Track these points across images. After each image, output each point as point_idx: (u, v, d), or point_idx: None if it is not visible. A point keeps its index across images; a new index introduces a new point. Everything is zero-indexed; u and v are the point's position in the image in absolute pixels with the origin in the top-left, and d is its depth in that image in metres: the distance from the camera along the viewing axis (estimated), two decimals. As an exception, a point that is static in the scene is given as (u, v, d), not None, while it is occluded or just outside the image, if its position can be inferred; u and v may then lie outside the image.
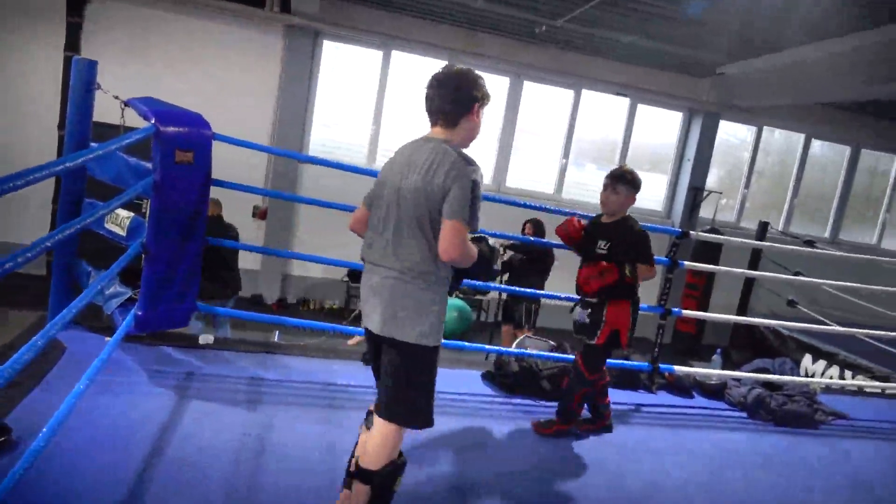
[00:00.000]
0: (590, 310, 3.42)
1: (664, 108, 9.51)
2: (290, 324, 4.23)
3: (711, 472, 3.49)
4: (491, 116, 9.23)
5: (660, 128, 9.75)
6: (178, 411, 3.10)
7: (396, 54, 8.62)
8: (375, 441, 2.24)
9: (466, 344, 4.42)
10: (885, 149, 10.42)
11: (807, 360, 7.76)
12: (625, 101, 9.35)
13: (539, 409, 3.94)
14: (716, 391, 4.57)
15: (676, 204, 9.75)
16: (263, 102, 8.24)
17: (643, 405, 4.28)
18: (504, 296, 6.62)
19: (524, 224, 6.31)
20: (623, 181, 3.41)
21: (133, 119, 3.38)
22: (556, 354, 4.18)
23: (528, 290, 5.07)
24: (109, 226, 3.60)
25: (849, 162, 10.32)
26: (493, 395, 4.08)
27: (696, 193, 9.55)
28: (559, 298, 4.29)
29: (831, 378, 7.31)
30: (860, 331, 5.38)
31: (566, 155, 9.32)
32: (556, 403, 3.74)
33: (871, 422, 4.67)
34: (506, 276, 6.41)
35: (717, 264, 9.05)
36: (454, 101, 2.22)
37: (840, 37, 7.02)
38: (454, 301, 8.18)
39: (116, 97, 3.37)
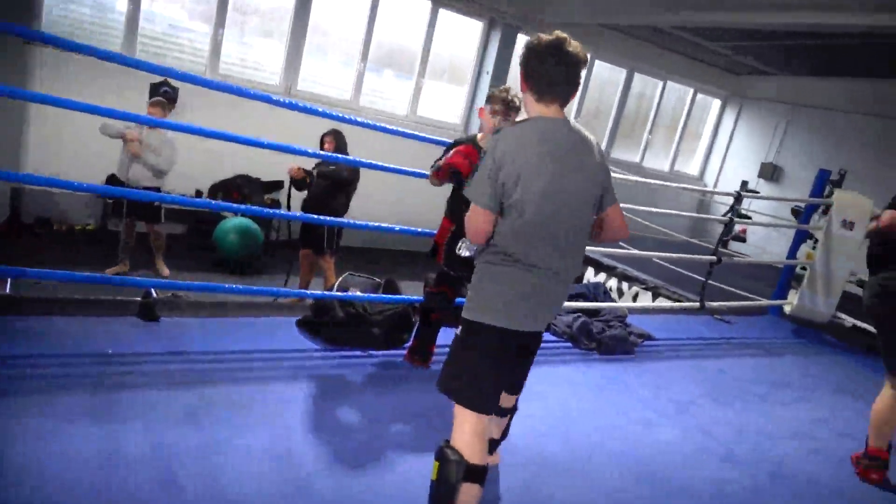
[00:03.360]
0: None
1: (465, 16, 9.06)
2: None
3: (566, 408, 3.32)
4: (279, 10, 8.00)
5: (460, 38, 9.31)
6: None
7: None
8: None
9: (283, 290, 3.68)
10: (655, 74, 11.23)
11: (589, 272, 8.22)
12: (426, 6, 8.70)
13: (372, 361, 3.43)
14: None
15: (474, 117, 9.55)
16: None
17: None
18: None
19: (322, 137, 5.54)
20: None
21: None
22: (387, 296, 3.66)
23: (330, 218, 4.62)
24: None
25: (624, 84, 10.95)
26: (315, 349, 3.46)
27: (493, 108, 9.41)
28: (374, 229, 3.81)
29: (610, 288, 7.83)
30: (648, 253, 5.65)
31: (364, 59, 8.50)
32: (390, 353, 3.30)
33: (672, 340, 4.97)
34: (302, 194, 5.66)
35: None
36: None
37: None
38: (237, 221, 7.19)
39: None
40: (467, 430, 2.06)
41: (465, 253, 3.11)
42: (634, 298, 7.42)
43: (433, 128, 9.10)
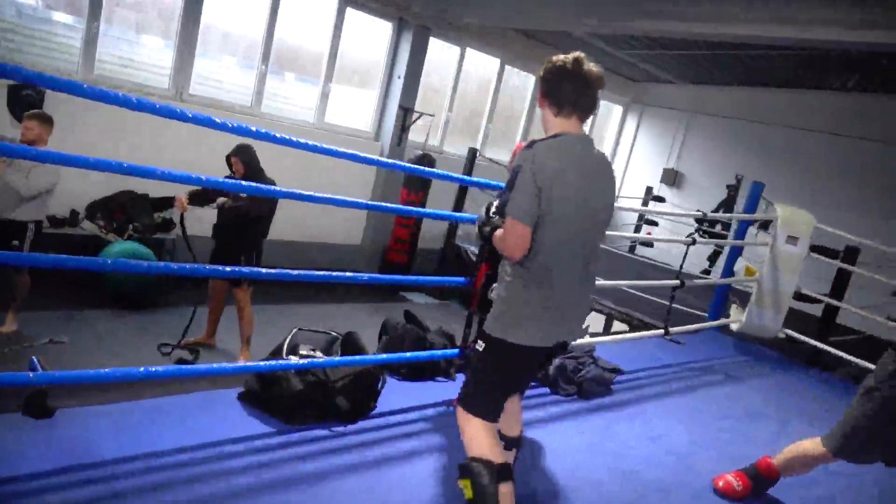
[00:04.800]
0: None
1: (374, 17, 8.41)
2: None
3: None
4: (166, 3, 6.96)
5: (370, 39, 8.65)
6: None
7: None
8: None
9: (221, 367, 2.89)
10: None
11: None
12: (332, 4, 7.96)
13: (343, 442, 2.76)
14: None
15: (385, 124, 8.94)
16: None
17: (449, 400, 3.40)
18: (214, 242, 4.99)
19: (228, 158, 4.73)
20: None
21: None
22: (351, 358, 2.98)
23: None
24: None
25: (533, 90, 10.75)
26: (268, 431, 2.73)
27: (406, 114, 8.85)
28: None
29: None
30: (617, 283, 5.34)
31: (265, 61, 7.62)
32: (358, 425, 2.85)
33: (640, 371, 4.64)
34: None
35: (427, 191, 8.71)
36: None
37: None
38: (126, 245, 6.12)
39: None
40: (484, 436, 2.13)
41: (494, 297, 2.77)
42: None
43: (343, 136, 8.41)
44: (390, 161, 2.86)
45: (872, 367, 2.90)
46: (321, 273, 3.04)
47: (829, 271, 6.15)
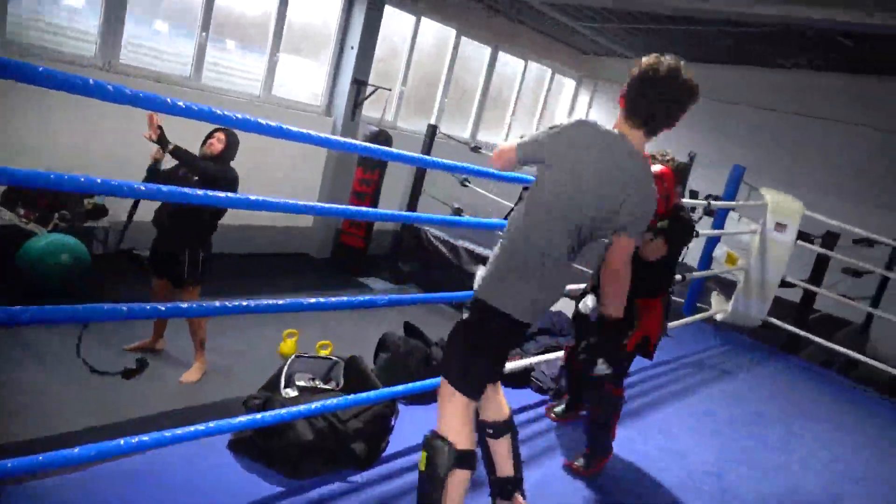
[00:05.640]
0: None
1: (324, -20, 7.71)
2: None
3: None
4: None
5: (320, 5, 7.95)
6: None
7: None
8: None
9: (224, 425, 2.36)
10: (517, 53, 10.72)
11: (480, 271, 7.51)
12: (278, -36, 7.23)
13: (366, 496, 2.33)
14: (518, 377, 3.60)
15: (337, 98, 8.30)
16: None
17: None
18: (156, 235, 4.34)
19: (212, 134, 4.13)
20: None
21: None
22: (366, 396, 2.52)
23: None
24: None
25: (488, 63, 10.31)
26: (273, 492, 2.27)
27: (360, 88, 8.24)
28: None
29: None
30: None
31: (206, 28, 6.83)
32: (374, 471, 2.43)
33: (637, 371, 4.39)
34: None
35: (385, 169, 8.20)
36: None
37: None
38: (53, 238, 5.35)
39: None
40: (457, 415, 2.10)
41: (584, 310, 2.64)
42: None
43: (293, 111, 7.75)
44: (347, 141, 2.40)
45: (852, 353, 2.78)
46: (339, 300, 2.50)
47: (803, 256, 6.11)
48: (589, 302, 2.56)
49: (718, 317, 5.48)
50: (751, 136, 9.98)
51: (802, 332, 5.45)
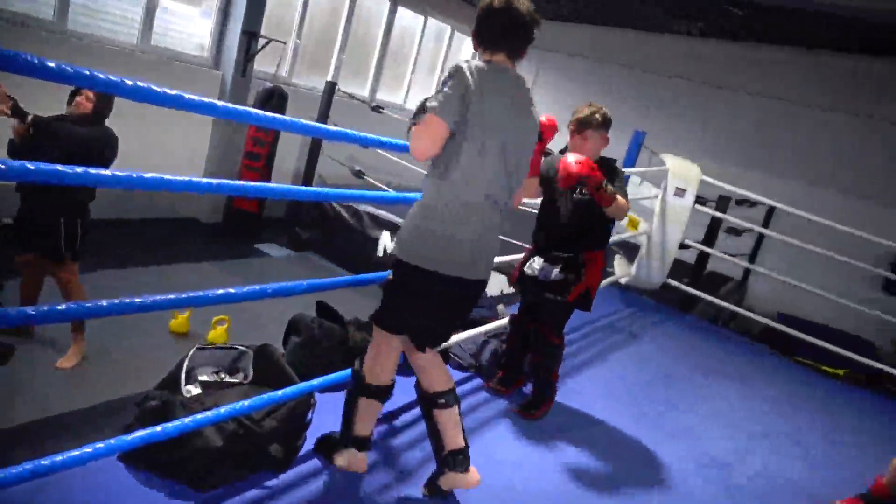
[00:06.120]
0: (561, 265, 2.99)
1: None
2: None
3: None
4: None
5: (203, -56, 7.19)
6: None
7: None
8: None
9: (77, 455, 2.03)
10: (417, 9, 10.34)
11: (385, 237, 7.29)
12: None
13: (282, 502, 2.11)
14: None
15: (226, 51, 7.63)
16: None
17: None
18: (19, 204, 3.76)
19: (77, 92, 3.58)
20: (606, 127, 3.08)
21: None
22: (281, 393, 2.27)
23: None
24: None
25: (387, 18, 9.87)
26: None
27: (252, 40, 7.62)
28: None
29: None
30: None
31: (70, -37, 5.98)
32: (290, 474, 2.23)
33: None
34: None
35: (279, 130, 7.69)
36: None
37: None
38: None
39: None
40: (375, 352, 2.31)
41: (532, 272, 3.00)
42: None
43: (176, 63, 7.04)
44: (237, 108, 2.08)
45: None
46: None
47: (697, 219, 6.36)
48: (536, 265, 2.88)
49: (623, 280, 5.61)
50: (647, 101, 10.24)
51: (695, 291, 5.72)
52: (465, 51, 12.09)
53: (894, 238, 5.84)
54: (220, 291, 2.05)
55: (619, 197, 2.86)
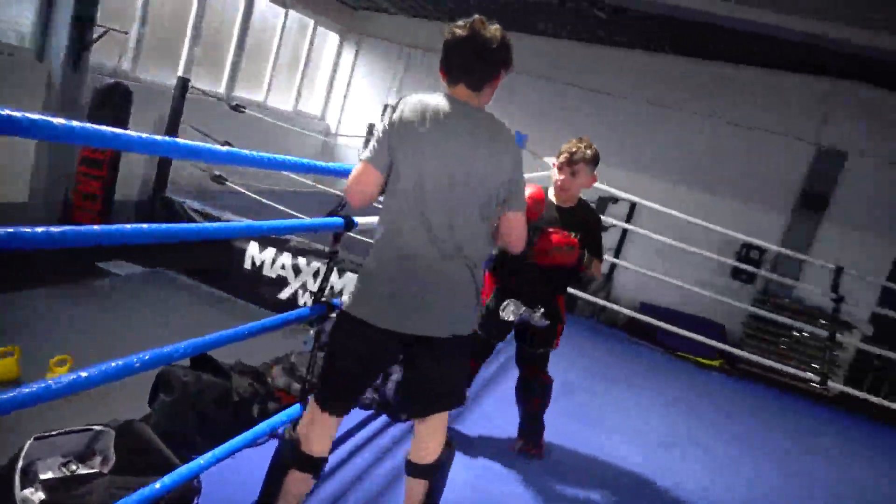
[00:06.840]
0: (542, 309, 2.97)
1: None
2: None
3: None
4: None
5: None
6: None
7: None
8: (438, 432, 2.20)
9: None
10: (276, 1, 9.68)
11: (253, 248, 6.67)
12: None
13: None
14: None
15: (56, 39, 6.61)
16: None
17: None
18: None
19: None
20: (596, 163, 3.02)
21: None
22: (152, 488, 1.77)
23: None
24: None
25: (244, 10, 9.14)
26: None
27: (85, 29, 6.66)
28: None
29: (283, 266, 6.56)
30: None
31: None
32: None
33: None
34: None
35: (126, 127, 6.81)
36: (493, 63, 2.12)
37: None
38: None
39: None
40: (310, 426, 2.09)
41: (509, 317, 2.85)
42: (315, 275, 6.34)
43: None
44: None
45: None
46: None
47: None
48: (513, 308, 2.81)
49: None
50: (522, 104, 10.30)
51: (573, 291, 5.82)
52: (328, 47, 11.58)
53: (741, 229, 6.45)
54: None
55: (595, 261, 2.92)
